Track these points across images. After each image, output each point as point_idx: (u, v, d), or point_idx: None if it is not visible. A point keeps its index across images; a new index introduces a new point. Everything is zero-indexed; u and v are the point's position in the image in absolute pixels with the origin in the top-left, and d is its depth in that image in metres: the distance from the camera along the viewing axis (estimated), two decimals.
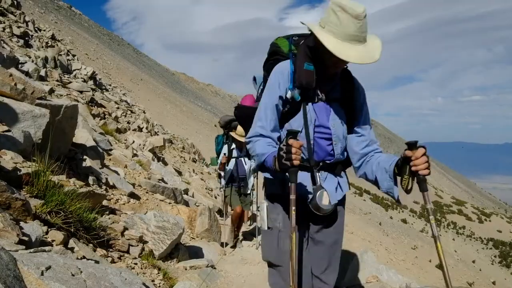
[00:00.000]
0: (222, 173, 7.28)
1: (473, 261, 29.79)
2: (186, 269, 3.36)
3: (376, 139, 1.98)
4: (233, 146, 5.53)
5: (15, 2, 12.48)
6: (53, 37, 14.28)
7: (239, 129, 5.19)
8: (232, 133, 5.36)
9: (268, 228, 1.94)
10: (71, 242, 2.24)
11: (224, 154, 6.72)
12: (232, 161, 5.51)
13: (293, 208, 1.67)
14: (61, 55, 11.07)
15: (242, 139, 5.14)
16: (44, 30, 15.06)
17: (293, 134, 1.64)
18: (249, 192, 5.67)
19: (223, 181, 5.68)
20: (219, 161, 7.14)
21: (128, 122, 11.81)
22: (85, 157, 4.11)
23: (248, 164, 5.51)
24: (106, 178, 4.21)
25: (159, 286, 2.78)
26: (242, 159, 5.53)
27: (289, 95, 1.83)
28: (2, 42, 7.72)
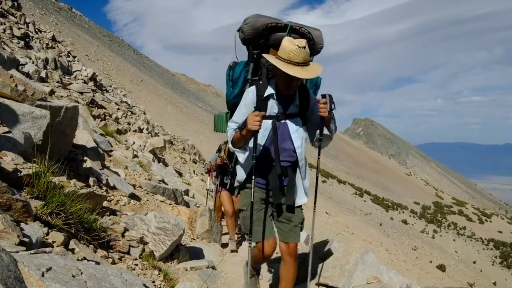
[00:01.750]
0: (211, 181, 6.01)
1: (474, 262, 29.77)
2: (186, 270, 3.36)
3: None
4: (270, 91, 2.44)
5: (16, 3, 12.50)
6: (53, 39, 14.30)
7: (288, 44, 2.25)
8: (269, 57, 2.31)
9: None
10: (72, 243, 2.24)
11: (218, 153, 5.05)
12: (267, 124, 2.43)
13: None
14: (61, 56, 11.09)
15: (301, 75, 2.23)
16: (45, 32, 15.08)
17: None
18: (301, 202, 2.61)
19: (239, 176, 2.65)
20: (213, 159, 5.52)
21: (129, 123, 11.82)
22: (85, 158, 4.11)
23: (302, 135, 2.53)
24: (107, 179, 4.21)
25: (160, 287, 2.77)
26: (288, 121, 2.49)
27: None
28: (2, 43, 7.73)
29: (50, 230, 2.18)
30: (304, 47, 2.22)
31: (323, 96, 2.38)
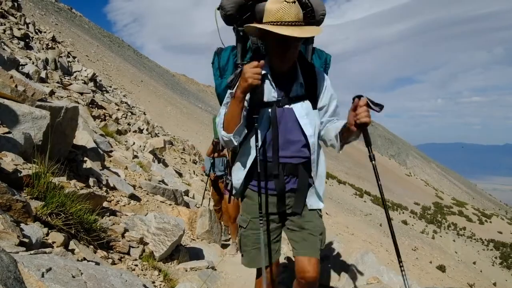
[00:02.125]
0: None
1: (474, 263, 29.76)
2: (186, 271, 3.36)
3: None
4: (262, 71, 1.85)
5: (16, 4, 12.50)
6: (53, 39, 14.30)
7: (273, 4, 1.84)
8: (254, 24, 1.86)
9: None
10: (72, 244, 2.24)
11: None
12: (266, 112, 1.97)
13: None
14: (61, 57, 11.09)
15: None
16: (45, 32, 15.08)
17: None
18: (316, 207, 2.06)
19: (235, 179, 2.13)
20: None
21: (129, 124, 11.82)
22: (85, 158, 4.11)
23: (314, 122, 2.01)
24: (107, 180, 4.21)
25: None
26: (294, 106, 1.98)
27: None
28: (2, 44, 7.74)
29: (50, 231, 2.18)
30: (294, 2, 1.80)
31: (358, 97, 1.78)
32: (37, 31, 13.53)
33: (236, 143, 1.92)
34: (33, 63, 8.19)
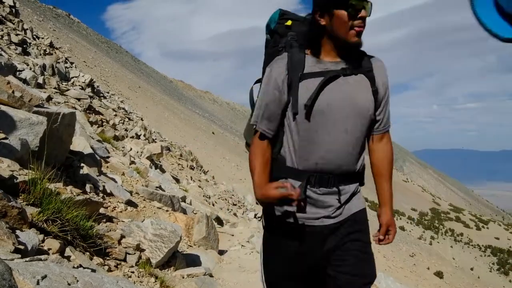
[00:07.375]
0: None
1: (471, 269, 29.75)
2: (183, 277, 3.34)
3: None
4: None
5: (14, 9, 12.51)
6: (51, 45, 14.30)
7: None
8: None
9: None
10: (68, 251, 2.23)
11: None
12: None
13: None
14: (59, 62, 11.10)
15: None
16: (43, 38, 15.08)
17: None
18: None
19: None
20: None
21: (126, 130, 11.80)
22: (82, 164, 4.09)
23: None
24: (103, 186, 4.19)
25: None
26: None
27: None
28: (0, 49, 7.74)
29: (45, 237, 2.17)
30: None
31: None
32: (35, 37, 13.53)
33: None
34: (30, 68, 8.18)
